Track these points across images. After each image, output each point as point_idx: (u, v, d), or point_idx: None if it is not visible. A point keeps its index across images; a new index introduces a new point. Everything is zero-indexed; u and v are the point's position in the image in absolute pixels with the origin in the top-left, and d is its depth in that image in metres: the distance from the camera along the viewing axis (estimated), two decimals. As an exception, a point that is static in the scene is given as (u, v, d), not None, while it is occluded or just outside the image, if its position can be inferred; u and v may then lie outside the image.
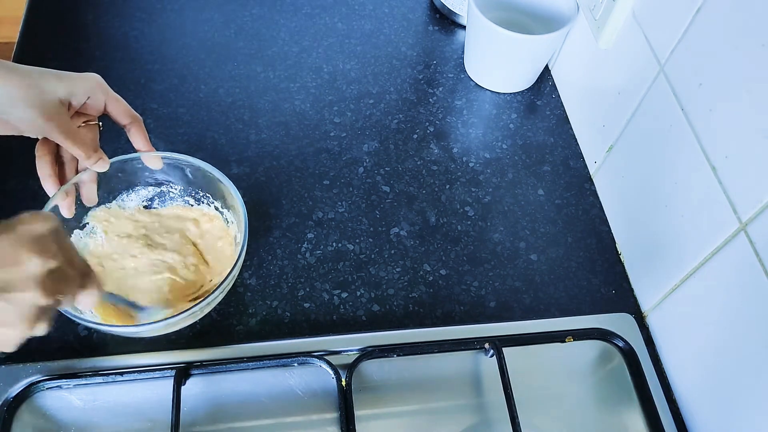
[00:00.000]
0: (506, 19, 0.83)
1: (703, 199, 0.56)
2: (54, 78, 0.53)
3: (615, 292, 0.69)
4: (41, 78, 0.52)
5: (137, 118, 0.59)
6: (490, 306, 0.67)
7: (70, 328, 0.62)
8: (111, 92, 0.58)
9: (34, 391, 0.58)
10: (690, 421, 0.61)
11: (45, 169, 0.57)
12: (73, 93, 0.54)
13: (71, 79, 0.54)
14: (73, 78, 0.55)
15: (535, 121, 0.84)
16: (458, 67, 0.88)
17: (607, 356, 0.65)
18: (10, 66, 0.51)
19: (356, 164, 0.77)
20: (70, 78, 0.54)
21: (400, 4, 0.95)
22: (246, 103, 0.81)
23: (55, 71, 0.54)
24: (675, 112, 0.59)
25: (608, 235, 0.74)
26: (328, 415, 0.60)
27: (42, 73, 0.53)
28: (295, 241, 0.70)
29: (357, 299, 0.67)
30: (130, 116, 0.59)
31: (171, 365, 0.60)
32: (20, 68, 0.52)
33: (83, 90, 0.55)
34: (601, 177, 0.76)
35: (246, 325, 0.64)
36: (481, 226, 0.73)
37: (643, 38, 0.64)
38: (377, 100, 0.84)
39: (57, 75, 0.54)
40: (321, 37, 0.90)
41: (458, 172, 0.77)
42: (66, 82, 0.54)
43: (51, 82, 0.53)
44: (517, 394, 0.59)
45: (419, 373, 0.63)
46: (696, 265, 0.58)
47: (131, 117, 0.59)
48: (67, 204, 0.59)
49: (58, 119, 0.53)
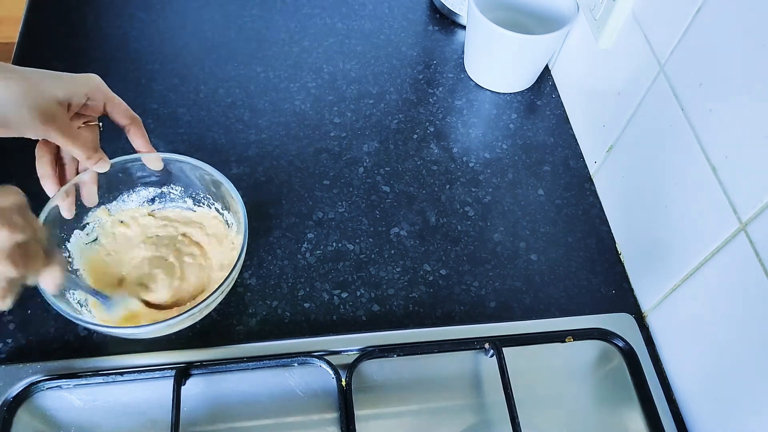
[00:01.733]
0: (506, 19, 0.83)
1: (703, 199, 0.56)
2: (52, 79, 0.53)
3: (615, 292, 0.69)
4: (40, 80, 0.52)
5: (136, 119, 0.59)
6: (490, 306, 0.67)
7: (70, 328, 0.62)
8: (110, 93, 0.58)
9: (34, 391, 0.58)
10: (690, 421, 0.61)
11: (45, 169, 0.57)
12: (72, 94, 0.54)
13: (70, 80, 0.54)
14: (72, 79, 0.54)
15: (535, 121, 0.84)
16: (458, 67, 0.88)
17: (607, 356, 0.65)
18: (8, 68, 0.51)
19: (356, 164, 0.77)
20: (69, 79, 0.54)
21: (400, 4, 0.95)
22: (246, 103, 0.81)
23: (54, 72, 0.54)
24: (675, 112, 0.59)
25: (608, 235, 0.74)
26: (328, 415, 0.60)
27: (40, 75, 0.53)
28: (295, 241, 0.70)
29: (357, 299, 0.67)
30: (129, 117, 0.58)
31: (171, 365, 0.60)
32: (18, 70, 0.52)
33: (82, 91, 0.55)
34: (601, 177, 0.76)
35: (246, 325, 0.64)
36: (481, 226, 0.73)
37: (643, 38, 0.64)
38: (377, 100, 0.84)
39: (56, 76, 0.53)
40: (321, 37, 0.90)
41: (458, 172, 0.77)
42: (65, 83, 0.54)
43: (49, 84, 0.52)
44: (517, 394, 0.59)
45: (419, 373, 0.63)
46: (696, 265, 0.58)
47: (130, 118, 0.59)
48: (68, 204, 0.59)
49: (57, 120, 0.53)
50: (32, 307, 0.63)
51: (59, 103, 0.53)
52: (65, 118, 0.54)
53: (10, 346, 0.61)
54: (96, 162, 0.57)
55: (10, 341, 0.61)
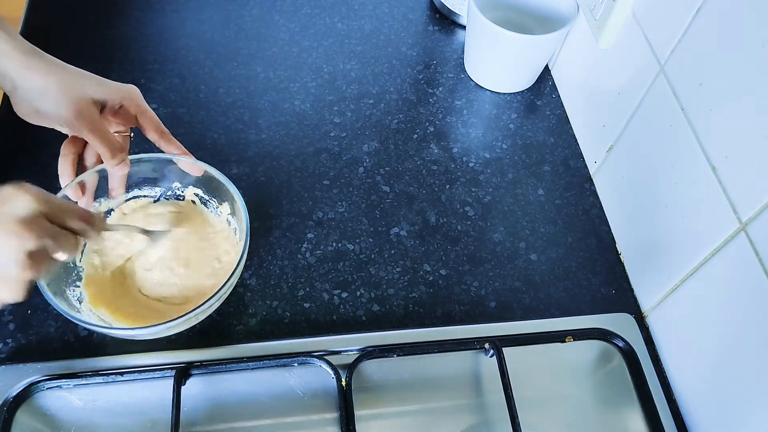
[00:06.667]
0: (506, 19, 0.83)
1: (703, 199, 0.56)
2: (92, 80, 0.57)
3: (615, 292, 0.69)
4: (80, 76, 0.56)
5: (166, 134, 0.61)
6: (490, 306, 0.67)
7: (70, 328, 0.62)
8: (145, 105, 0.60)
9: (34, 391, 0.58)
10: (690, 421, 0.61)
11: (66, 168, 0.59)
12: (108, 97, 0.57)
13: (109, 85, 0.58)
14: (111, 84, 0.58)
15: (535, 121, 0.84)
16: (458, 67, 0.88)
17: (607, 356, 0.65)
18: (52, 61, 0.55)
19: (356, 164, 0.77)
20: (108, 84, 0.58)
21: (400, 4, 0.95)
22: (246, 103, 0.81)
23: (98, 76, 0.57)
24: (675, 112, 0.59)
25: (608, 235, 0.74)
26: (328, 415, 0.60)
27: (81, 73, 0.56)
28: (295, 241, 0.70)
29: (357, 299, 0.67)
30: (159, 131, 0.61)
31: (171, 365, 0.60)
32: (60, 64, 0.56)
33: (119, 96, 0.58)
34: (601, 177, 0.76)
35: (246, 325, 0.64)
36: (481, 226, 0.73)
37: (643, 38, 0.64)
38: (377, 100, 0.84)
39: (96, 78, 0.57)
40: (321, 37, 0.90)
41: (458, 172, 0.77)
42: (103, 86, 0.57)
43: (88, 83, 0.56)
44: (517, 394, 0.59)
45: (419, 373, 0.63)
46: (696, 265, 0.58)
47: (160, 132, 0.61)
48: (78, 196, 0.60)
49: (88, 116, 0.55)
50: (32, 307, 0.63)
51: (93, 100, 0.56)
52: (95, 115, 0.56)
53: (10, 346, 0.61)
54: (119, 163, 0.58)
55: (10, 341, 0.61)
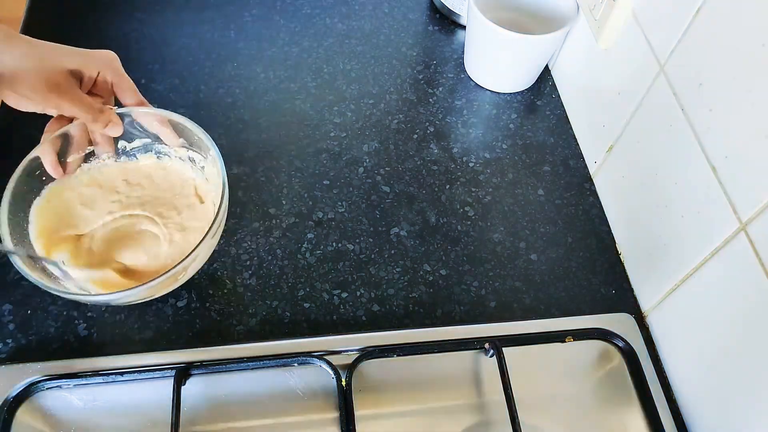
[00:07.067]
0: (506, 19, 0.83)
1: (703, 199, 0.56)
2: (65, 50, 0.56)
3: (615, 292, 0.69)
4: (53, 49, 0.55)
5: (144, 103, 0.60)
6: (490, 306, 0.67)
7: (70, 328, 0.62)
8: (121, 71, 0.59)
9: (34, 391, 0.58)
10: (690, 421, 0.61)
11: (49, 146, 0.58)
12: (83, 66, 0.56)
13: (83, 53, 0.57)
14: (86, 53, 0.57)
15: (535, 121, 0.84)
16: (458, 67, 0.88)
17: (607, 356, 0.65)
18: (28, 40, 0.54)
19: (356, 164, 0.77)
20: (83, 53, 0.57)
21: (400, 4, 0.95)
22: (246, 104, 0.81)
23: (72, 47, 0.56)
24: (675, 112, 0.59)
25: (608, 235, 0.74)
26: (328, 415, 0.60)
27: (56, 47, 0.55)
28: (295, 241, 0.70)
29: (357, 299, 0.67)
30: (137, 100, 0.59)
31: (171, 365, 0.60)
32: (35, 42, 0.55)
33: (94, 64, 0.57)
34: (601, 177, 0.76)
35: (246, 325, 0.64)
36: (481, 226, 0.73)
37: (643, 38, 0.64)
38: (377, 100, 0.84)
39: (71, 49, 0.56)
40: (321, 37, 0.90)
41: (458, 172, 0.77)
42: (77, 56, 0.56)
43: (62, 54, 0.55)
44: (517, 394, 0.59)
45: (419, 373, 0.63)
46: (696, 265, 0.58)
47: (137, 100, 0.59)
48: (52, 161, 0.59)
49: (63, 88, 0.54)
50: (32, 307, 0.63)
51: (69, 72, 0.55)
52: (73, 87, 0.55)
53: (10, 346, 0.61)
54: (105, 124, 0.58)
55: (10, 341, 0.61)
